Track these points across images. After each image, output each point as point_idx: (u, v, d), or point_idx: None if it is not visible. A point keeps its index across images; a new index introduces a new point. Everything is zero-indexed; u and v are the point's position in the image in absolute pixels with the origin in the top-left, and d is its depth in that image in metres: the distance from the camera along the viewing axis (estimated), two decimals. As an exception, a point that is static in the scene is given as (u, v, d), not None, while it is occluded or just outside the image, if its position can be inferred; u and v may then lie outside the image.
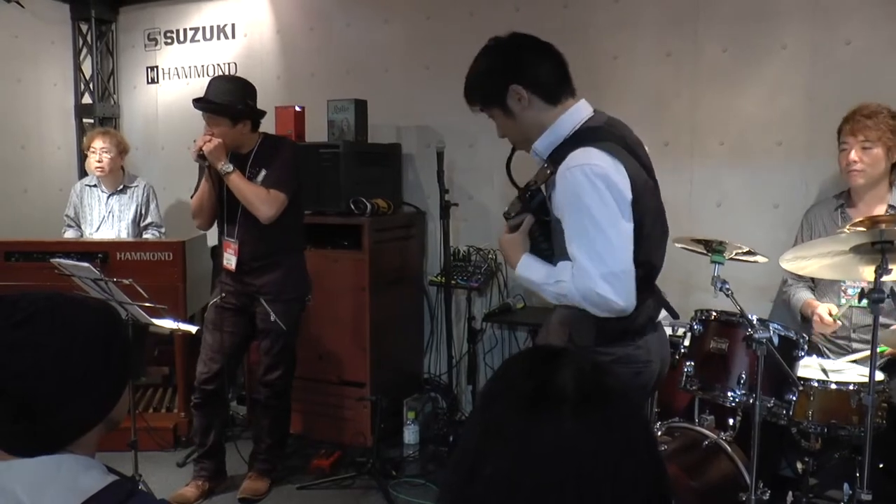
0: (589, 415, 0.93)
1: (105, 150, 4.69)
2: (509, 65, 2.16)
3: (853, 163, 3.16)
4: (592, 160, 2.02)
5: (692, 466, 2.80)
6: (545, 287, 2.15)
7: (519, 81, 2.13)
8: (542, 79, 2.15)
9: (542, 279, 2.15)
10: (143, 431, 3.69)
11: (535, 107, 2.16)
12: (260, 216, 3.44)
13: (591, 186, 2.00)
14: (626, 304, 2.03)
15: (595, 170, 2.00)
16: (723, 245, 2.75)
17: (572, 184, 2.02)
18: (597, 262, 2.00)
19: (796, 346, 2.66)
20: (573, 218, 2.04)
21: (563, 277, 2.08)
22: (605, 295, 2.00)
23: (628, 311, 2.05)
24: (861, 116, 3.15)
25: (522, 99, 2.15)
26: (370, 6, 4.81)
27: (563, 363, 0.99)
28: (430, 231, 4.75)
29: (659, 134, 4.03)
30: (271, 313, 3.56)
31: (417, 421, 4.37)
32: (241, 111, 3.44)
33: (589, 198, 2.00)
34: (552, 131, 2.15)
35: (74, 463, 1.27)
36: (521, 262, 2.21)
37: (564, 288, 2.07)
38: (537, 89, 2.14)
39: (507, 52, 2.19)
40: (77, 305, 1.34)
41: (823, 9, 3.68)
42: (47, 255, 3.88)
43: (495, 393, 1.01)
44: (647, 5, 4.06)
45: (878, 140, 3.12)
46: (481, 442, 0.96)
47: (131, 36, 5.69)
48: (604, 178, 2.00)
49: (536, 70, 2.15)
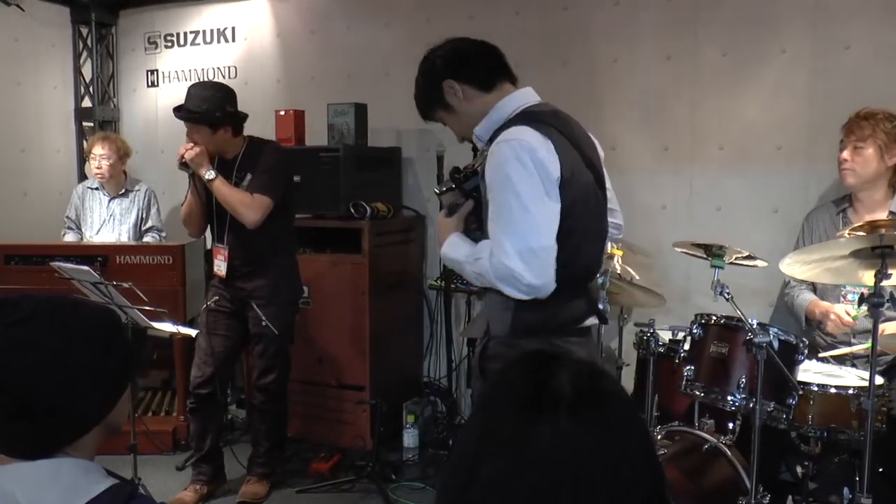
0: (586, 417, 0.93)
1: (104, 156, 4.69)
2: (437, 66, 2.27)
3: (843, 161, 3.19)
4: (521, 136, 2.04)
5: (692, 470, 2.80)
6: (465, 266, 2.15)
7: (449, 76, 2.23)
8: (471, 69, 2.24)
9: (464, 257, 2.16)
10: (142, 435, 3.68)
11: (471, 97, 2.23)
12: (245, 221, 3.43)
13: (517, 160, 2.01)
14: (540, 283, 2.01)
15: (522, 144, 2.02)
16: (723, 249, 2.76)
17: (498, 157, 2.05)
18: (514, 238, 2.00)
19: (796, 351, 2.66)
20: (496, 192, 2.05)
21: (481, 255, 2.08)
22: (517, 271, 1.98)
23: (544, 292, 2.03)
24: (857, 117, 3.18)
25: (458, 92, 2.23)
26: (370, 10, 4.82)
27: (561, 366, 0.99)
28: (429, 235, 4.75)
29: (659, 138, 4.04)
30: (263, 317, 3.56)
31: (417, 424, 4.36)
32: (220, 118, 3.42)
33: (513, 171, 2.01)
34: (491, 115, 2.20)
35: (74, 466, 1.27)
36: (448, 240, 2.22)
37: (481, 266, 2.07)
38: (468, 79, 2.23)
39: (434, 57, 2.31)
40: (78, 307, 1.35)
41: (823, 13, 3.69)
42: (47, 258, 3.88)
43: (493, 396, 1.01)
44: (646, 8, 4.06)
45: (869, 139, 3.13)
46: (479, 445, 0.97)
47: (131, 39, 5.69)
48: (530, 151, 2.01)
49: (463, 63, 2.25)
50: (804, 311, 3.30)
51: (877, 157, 3.15)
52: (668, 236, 3.37)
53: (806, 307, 3.30)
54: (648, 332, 3.11)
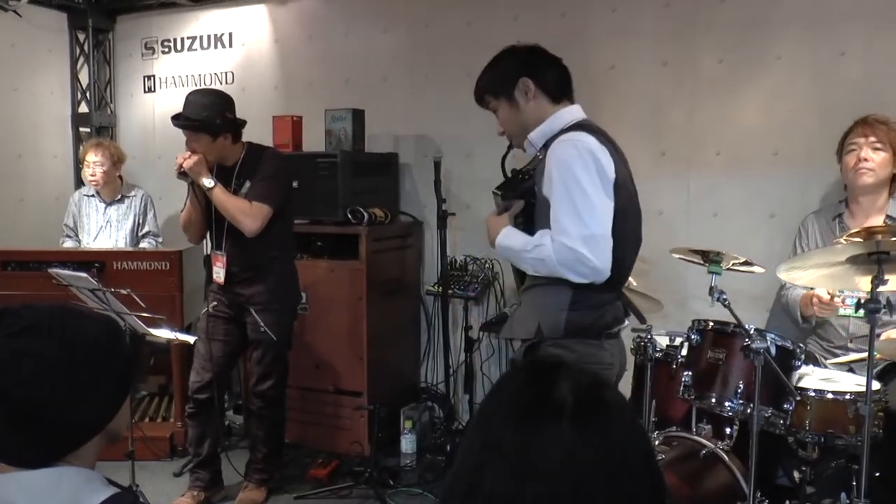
0: (587, 427, 0.93)
1: (98, 163, 4.70)
2: (522, 62, 2.41)
3: (864, 161, 3.16)
4: (583, 138, 2.22)
5: (690, 476, 2.80)
6: (523, 254, 2.26)
7: (529, 75, 2.36)
8: (549, 79, 2.39)
9: (521, 246, 2.27)
10: (139, 441, 3.67)
11: (538, 102, 2.38)
12: (244, 229, 3.43)
13: (580, 157, 2.18)
14: (602, 266, 2.16)
15: (584, 144, 2.20)
16: (720, 255, 2.76)
17: (562, 154, 2.20)
18: (578, 223, 2.14)
19: (793, 356, 2.67)
20: (559, 183, 2.19)
21: (542, 241, 2.20)
22: (582, 253, 2.12)
23: (603, 276, 2.18)
24: (874, 121, 3.19)
25: (529, 92, 2.36)
26: (368, 16, 4.82)
27: (561, 376, 0.99)
28: (427, 241, 4.76)
29: (656, 143, 4.05)
30: (261, 323, 3.56)
31: (414, 430, 4.36)
32: (220, 126, 3.42)
33: (576, 165, 2.17)
34: (549, 123, 2.35)
35: (75, 475, 1.28)
36: (502, 231, 2.33)
37: (543, 252, 2.19)
38: (543, 86, 2.37)
39: (522, 52, 2.44)
40: (77, 315, 1.35)
41: (818, 20, 3.70)
42: (44, 264, 3.88)
43: (493, 407, 1.01)
44: (644, 15, 4.08)
45: (888, 143, 3.14)
46: (481, 454, 0.97)
47: (128, 44, 5.69)
48: (591, 153, 2.19)
49: (545, 71, 2.40)
50: (798, 305, 3.30)
51: (891, 162, 3.17)
52: (666, 242, 3.37)
53: (799, 301, 3.30)
54: (646, 338, 3.11)
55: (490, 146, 4.49)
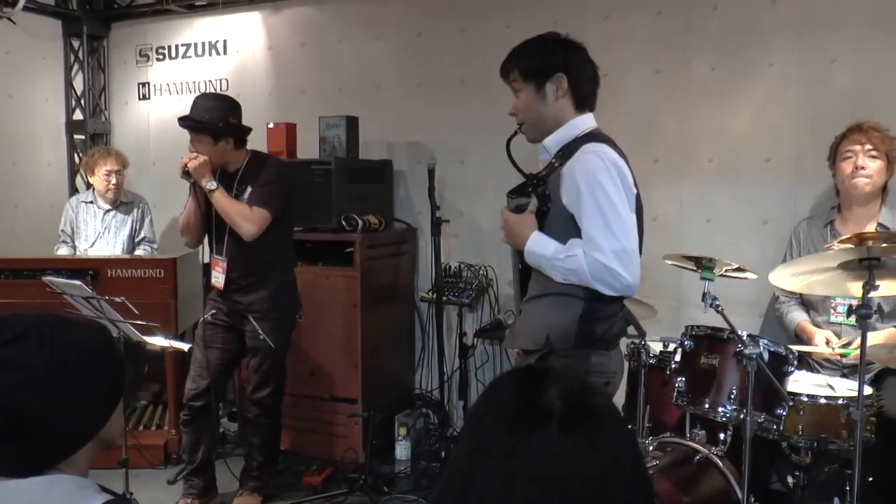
0: (576, 432, 0.94)
1: (115, 171, 4.74)
2: (567, 56, 2.34)
3: (861, 168, 3.17)
4: (605, 150, 2.21)
5: (684, 481, 2.81)
6: (555, 262, 2.22)
7: (566, 73, 2.31)
8: (583, 84, 2.34)
9: (553, 254, 2.22)
10: (133, 449, 3.66)
11: (563, 102, 2.32)
12: (242, 234, 3.44)
13: (607, 169, 2.17)
14: (633, 281, 2.15)
15: (610, 157, 2.19)
16: (713, 262, 2.77)
17: (589, 164, 2.17)
18: (609, 238, 2.12)
19: (786, 362, 2.68)
20: (587, 195, 2.16)
21: (574, 252, 2.17)
22: (615, 269, 2.11)
23: (633, 290, 2.18)
24: (868, 127, 3.20)
25: (560, 89, 2.31)
26: (362, 23, 4.84)
27: (551, 382, 1.00)
28: (421, 247, 4.76)
29: (649, 150, 4.06)
30: (260, 331, 3.56)
31: (409, 437, 4.35)
32: (222, 129, 3.44)
33: (604, 178, 2.16)
34: (566, 129, 2.32)
35: (68, 483, 1.27)
36: (532, 236, 2.28)
37: (575, 262, 2.16)
38: (575, 90, 2.32)
39: (568, 46, 2.38)
40: (68, 324, 1.35)
41: (809, 27, 3.73)
42: (37, 272, 3.87)
43: (483, 413, 1.02)
44: (636, 23, 4.10)
45: (885, 151, 3.16)
46: (471, 459, 0.97)
47: (123, 52, 5.70)
48: (616, 166, 2.19)
49: (582, 74, 2.35)
50: (793, 330, 3.33)
51: (886, 170, 3.18)
52: (659, 248, 3.38)
53: (794, 328, 3.33)
54: (640, 344, 3.12)
55: (484, 152, 4.54)
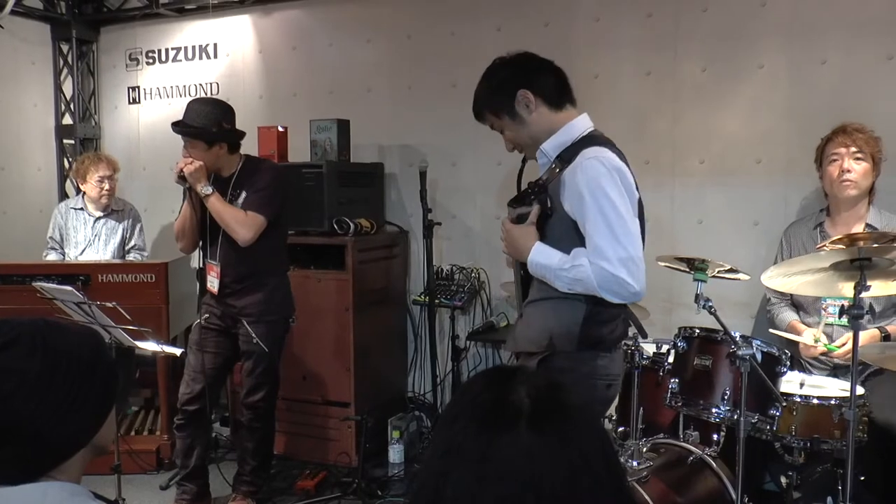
0: (545, 429, 0.96)
1: (108, 177, 4.71)
2: (516, 73, 2.31)
3: (846, 172, 3.19)
4: (607, 155, 2.17)
5: (678, 482, 2.81)
6: (560, 272, 2.19)
7: (526, 87, 2.27)
8: (547, 85, 2.30)
9: (558, 264, 2.20)
10: (125, 454, 3.65)
11: (541, 111, 2.29)
12: (238, 238, 3.44)
13: (609, 175, 2.13)
14: (640, 289, 2.14)
15: (612, 162, 2.15)
16: (705, 263, 2.78)
17: (591, 170, 2.14)
18: (615, 246, 2.10)
19: (779, 363, 2.68)
20: (591, 202, 2.13)
21: (580, 262, 2.14)
22: (622, 277, 2.09)
23: (641, 297, 2.16)
24: (853, 130, 3.21)
25: (530, 103, 2.28)
26: (352, 26, 4.84)
27: (519, 381, 1.02)
28: (413, 250, 4.76)
29: (640, 152, 4.06)
30: (253, 335, 3.55)
31: (402, 440, 4.35)
32: (216, 134, 3.43)
33: (607, 184, 2.12)
34: (563, 132, 2.29)
35: (60, 490, 1.27)
36: (535, 247, 2.25)
37: (581, 272, 2.13)
38: (542, 94, 2.29)
39: (513, 64, 2.34)
40: (60, 330, 1.34)
41: (799, 30, 3.74)
42: (28, 278, 3.85)
43: (455, 413, 1.03)
44: (626, 25, 4.11)
45: (869, 154, 3.17)
46: (444, 460, 0.99)
47: (112, 56, 5.68)
48: (619, 171, 2.15)
49: (540, 77, 2.31)
50: (784, 330, 3.35)
51: (871, 171, 3.20)
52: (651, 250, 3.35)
53: (785, 328, 3.34)
54: (633, 346, 3.12)
55: (475, 155, 4.55)
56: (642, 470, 2.68)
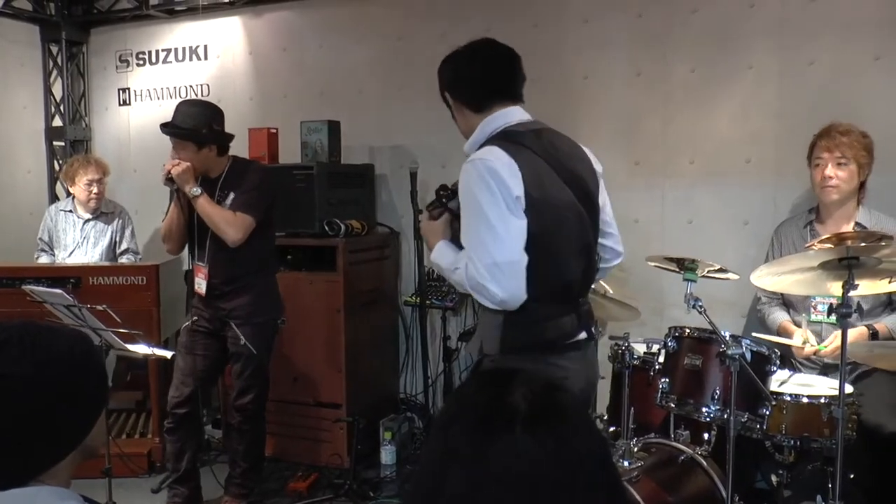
0: (541, 431, 0.96)
1: (97, 180, 4.69)
2: (442, 77, 2.40)
3: (828, 178, 3.21)
4: (487, 156, 2.14)
5: (669, 481, 2.82)
6: (448, 273, 2.25)
7: (447, 90, 2.37)
8: (462, 91, 2.34)
9: (448, 265, 2.25)
10: (116, 458, 3.63)
11: (462, 113, 2.35)
12: (226, 239, 3.43)
13: (481, 179, 2.11)
14: (506, 296, 2.10)
15: (487, 164, 2.12)
16: (695, 263, 2.79)
17: (465, 174, 2.16)
18: (481, 252, 2.09)
19: (769, 362, 2.69)
20: (466, 209, 2.16)
21: (459, 265, 2.17)
22: (485, 284, 2.08)
23: (512, 304, 2.12)
24: (836, 133, 3.21)
25: (455, 102, 2.35)
26: (343, 28, 4.83)
27: (516, 383, 1.02)
28: (404, 251, 4.77)
29: (630, 153, 4.09)
30: (241, 337, 3.55)
31: (394, 441, 4.35)
32: (206, 136, 3.43)
33: (478, 190, 2.11)
34: (479, 131, 2.29)
35: (49, 494, 1.26)
36: (437, 246, 2.31)
37: (459, 275, 2.17)
38: (462, 98, 2.34)
39: (444, 64, 2.41)
40: (49, 333, 1.34)
41: (787, 31, 3.77)
42: (18, 280, 3.83)
43: (450, 416, 1.03)
44: (616, 26, 4.12)
45: (853, 157, 3.18)
46: (440, 462, 0.99)
47: (103, 57, 5.66)
48: (492, 172, 2.10)
49: (461, 82, 2.35)
50: (775, 330, 3.36)
51: (857, 173, 3.21)
52: (642, 250, 3.41)
53: (776, 329, 3.36)
54: (623, 346, 3.13)
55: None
56: (633, 469, 2.68)
